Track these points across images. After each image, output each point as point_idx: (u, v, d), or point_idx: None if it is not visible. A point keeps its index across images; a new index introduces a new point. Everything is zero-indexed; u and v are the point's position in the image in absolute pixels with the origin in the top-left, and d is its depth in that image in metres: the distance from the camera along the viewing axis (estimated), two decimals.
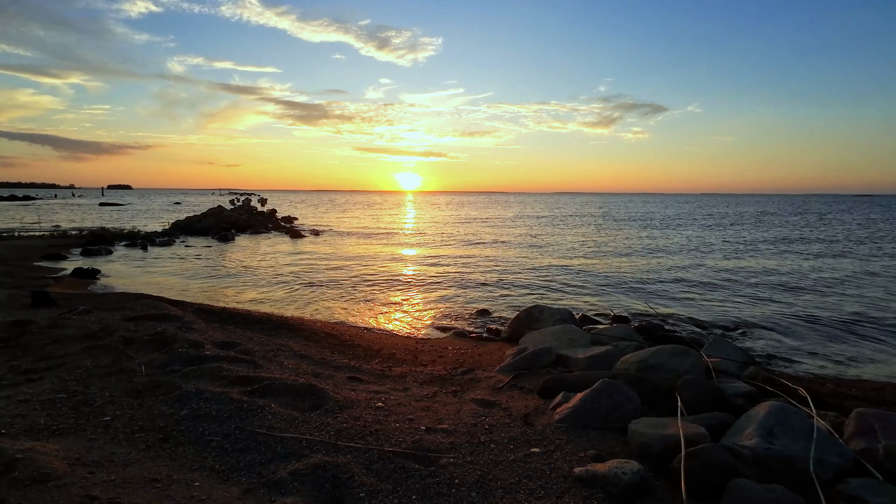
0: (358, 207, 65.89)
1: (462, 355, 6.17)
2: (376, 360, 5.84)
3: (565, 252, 18.77)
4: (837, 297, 10.64)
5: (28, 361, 4.58)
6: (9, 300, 7.39)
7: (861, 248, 20.26)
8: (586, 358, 5.16)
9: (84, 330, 5.59)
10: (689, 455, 2.89)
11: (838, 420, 3.58)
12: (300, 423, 3.50)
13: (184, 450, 3.11)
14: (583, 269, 14.34)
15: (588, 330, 6.57)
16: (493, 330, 7.72)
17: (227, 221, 26.38)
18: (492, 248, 20.39)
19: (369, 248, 20.17)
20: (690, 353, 4.80)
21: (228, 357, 4.86)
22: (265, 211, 39.05)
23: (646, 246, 20.99)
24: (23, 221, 29.78)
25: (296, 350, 5.82)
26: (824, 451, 2.98)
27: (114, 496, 2.49)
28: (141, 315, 6.52)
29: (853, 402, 4.48)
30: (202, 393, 3.81)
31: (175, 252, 17.04)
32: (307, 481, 2.80)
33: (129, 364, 4.50)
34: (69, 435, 3.21)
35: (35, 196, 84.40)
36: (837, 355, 6.85)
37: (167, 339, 5.30)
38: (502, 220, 40.34)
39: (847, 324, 8.49)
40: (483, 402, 4.28)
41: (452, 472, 2.99)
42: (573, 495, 2.79)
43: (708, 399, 3.85)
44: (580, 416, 3.72)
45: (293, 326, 7.13)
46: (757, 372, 5.01)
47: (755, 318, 8.88)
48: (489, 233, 27.87)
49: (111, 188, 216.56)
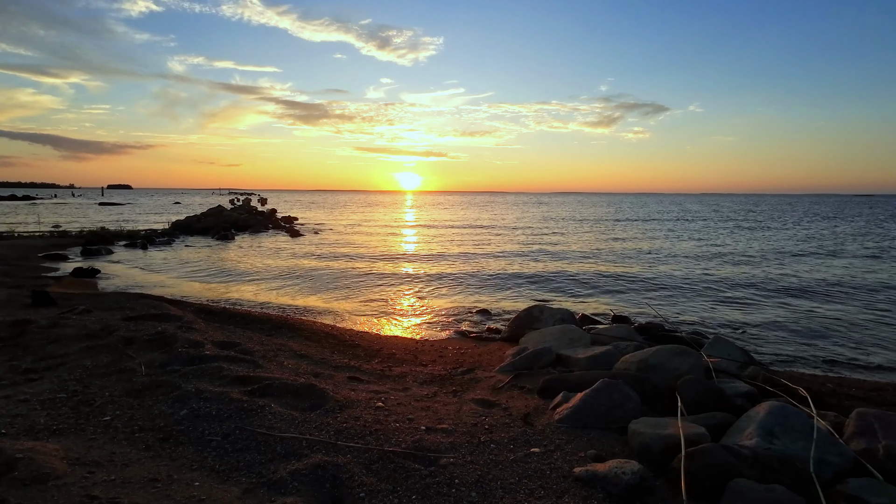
0: (358, 207, 65.90)
1: (462, 355, 6.17)
2: (376, 360, 5.83)
3: (566, 252, 18.76)
4: (838, 298, 10.64)
5: (28, 361, 4.58)
6: (9, 300, 7.39)
7: (863, 249, 20.24)
8: (586, 358, 5.15)
9: (84, 330, 5.59)
10: (689, 455, 2.89)
11: (838, 420, 3.58)
12: (300, 422, 3.50)
13: (184, 449, 3.11)
14: (583, 270, 14.34)
15: (588, 330, 6.56)
16: (493, 330, 7.72)
17: (227, 221, 26.37)
18: (492, 248, 20.38)
19: (369, 247, 20.17)
20: (690, 353, 4.80)
21: (228, 357, 4.86)
22: (265, 210, 39.02)
23: (646, 245, 20.98)
24: (23, 221, 29.77)
25: (296, 350, 5.82)
26: (824, 451, 2.98)
27: (114, 496, 2.49)
28: (141, 315, 6.52)
29: (853, 402, 4.48)
30: (202, 393, 3.81)
31: (175, 252, 17.04)
32: (307, 481, 2.80)
33: (128, 364, 4.50)
34: (69, 435, 3.21)
35: (35, 196, 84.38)
36: (838, 355, 6.85)
37: (167, 338, 5.30)
38: (503, 220, 40.33)
39: (847, 324, 8.49)
40: (483, 402, 4.28)
41: (452, 472, 2.98)
42: (573, 495, 2.79)
43: (708, 399, 3.84)
44: (580, 416, 3.72)
45: (293, 326, 7.13)
46: (757, 372, 5.01)
47: (755, 318, 8.88)
48: (489, 233, 27.86)
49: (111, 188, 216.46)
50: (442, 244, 21.84)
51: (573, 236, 25.55)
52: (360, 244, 21.35)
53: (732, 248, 20.03)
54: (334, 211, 53.95)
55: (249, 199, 56.73)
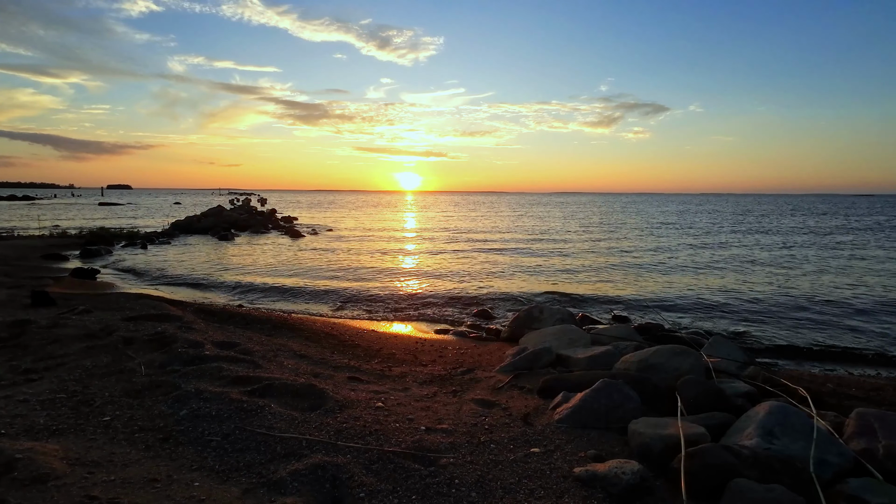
0: (358, 207, 65.89)
1: (462, 355, 6.17)
2: (376, 360, 5.83)
3: (566, 252, 18.76)
4: (838, 298, 10.64)
5: (28, 361, 4.57)
6: (8, 300, 7.39)
7: (866, 249, 20.24)
8: (586, 358, 5.15)
9: (84, 330, 5.58)
10: (689, 455, 2.88)
11: (838, 420, 3.57)
12: (300, 423, 3.50)
13: (183, 450, 3.11)
14: (583, 270, 14.34)
15: (588, 330, 6.56)
16: (493, 330, 7.71)
17: (227, 221, 26.39)
18: (492, 248, 20.38)
19: (369, 247, 20.17)
20: (690, 352, 4.79)
21: (228, 357, 4.86)
22: (265, 211, 39.04)
23: (646, 247, 20.98)
24: (23, 221, 29.76)
25: (296, 350, 5.82)
26: (824, 451, 2.98)
27: (113, 496, 2.49)
28: (141, 315, 6.52)
29: (853, 402, 4.47)
30: (202, 393, 3.80)
31: (175, 252, 17.03)
32: (307, 481, 2.79)
33: (128, 364, 4.49)
34: (69, 435, 3.21)
35: (35, 196, 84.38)
36: (837, 356, 6.85)
37: (167, 339, 5.30)
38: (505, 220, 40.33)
39: (847, 324, 8.49)
40: (483, 402, 4.27)
41: (452, 472, 2.98)
42: (573, 495, 2.79)
43: (708, 399, 3.84)
44: (580, 416, 3.72)
45: (293, 326, 7.12)
46: (757, 372, 5.01)
47: (756, 318, 8.88)
48: (490, 233, 27.86)
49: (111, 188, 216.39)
50: (442, 244, 21.84)
51: (574, 235, 25.55)
52: (359, 244, 21.35)
53: (732, 249, 20.03)
54: (334, 211, 53.96)
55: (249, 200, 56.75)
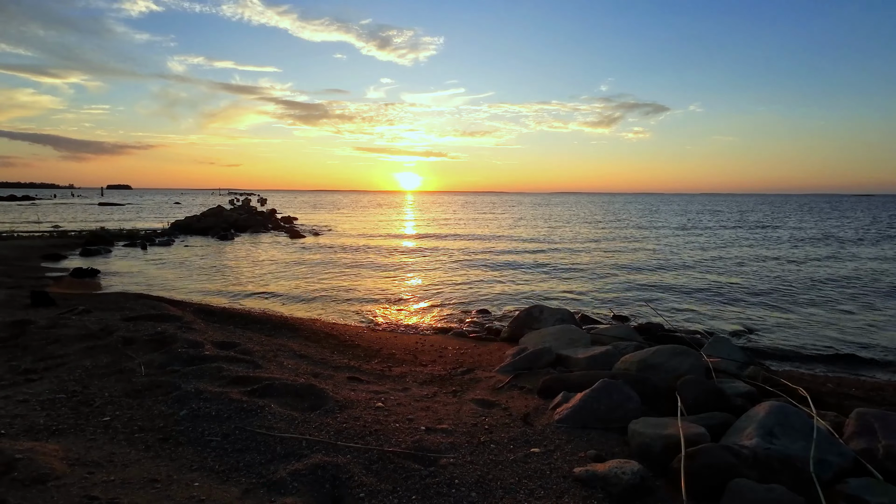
0: (358, 207, 65.89)
1: (462, 355, 6.17)
2: (376, 360, 5.83)
3: (566, 252, 18.76)
4: (838, 298, 10.64)
5: (28, 361, 4.57)
6: (8, 300, 7.39)
7: (867, 250, 20.24)
8: (586, 358, 5.15)
9: (83, 330, 5.58)
10: (689, 455, 2.88)
11: (838, 420, 3.58)
12: (300, 423, 3.50)
13: (183, 450, 3.11)
14: (583, 270, 14.34)
15: (588, 330, 6.56)
16: (493, 330, 7.71)
17: (227, 221, 26.37)
18: (492, 248, 20.38)
19: (368, 247, 20.16)
20: (690, 353, 4.79)
21: (228, 357, 4.86)
22: (265, 211, 39.02)
23: (647, 246, 20.98)
24: (23, 221, 29.76)
25: (296, 350, 5.82)
26: (824, 451, 2.98)
27: (113, 496, 2.49)
28: (140, 315, 6.52)
29: (853, 402, 4.47)
30: (202, 393, 3.80)
31: (175, 252, 17.03)
32: (307, 481, 2.79)
33: (128, 364, 4.49)
34: (69, 435, 3.20)
35: (34, 196, 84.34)
36: (838, 356, 6.85)
37: (167, 339, 5.30)
38: (505, 221, 40.34)
39: (847, 324, 8.49)
40: (483, 402, 4.27)
41: (452, 472, 2.98)
42: (573, 495, 2.79)
43: (708, 399, 3.84)
44: (580, 416, 3.72)
45: (293, 326, 7.13)
46: (757, 372, 5.01)
47: (756, 318, 8.88)
48: (490, 233, 27.86)
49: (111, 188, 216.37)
50: (442, 244, 21.83)
51: (575, 235, 25.56)
52: (359, 244, 21.34)
53: (732, 251, 20.03)
54: (334, 211, 53.95)
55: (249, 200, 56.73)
